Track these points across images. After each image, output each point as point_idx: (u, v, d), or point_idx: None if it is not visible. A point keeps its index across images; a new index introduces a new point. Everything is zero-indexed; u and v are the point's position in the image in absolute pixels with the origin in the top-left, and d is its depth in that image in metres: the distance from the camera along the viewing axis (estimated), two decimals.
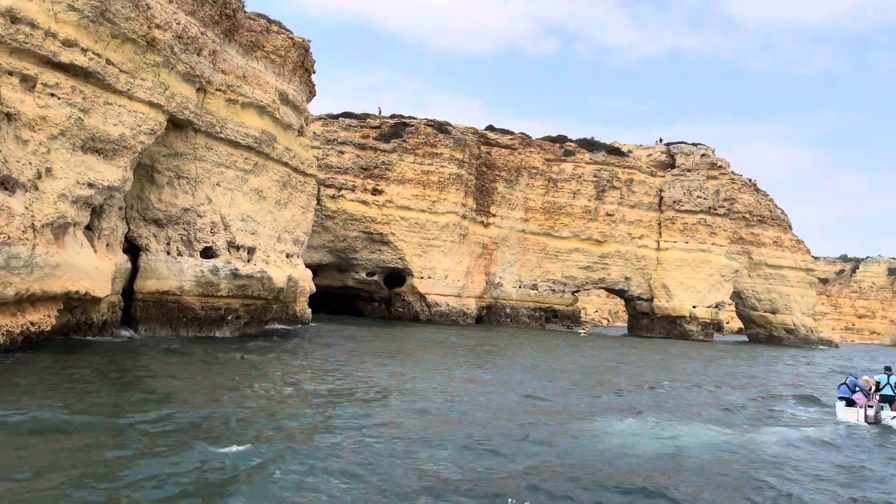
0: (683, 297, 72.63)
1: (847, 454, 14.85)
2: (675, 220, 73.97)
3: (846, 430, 17.73)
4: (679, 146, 77.06)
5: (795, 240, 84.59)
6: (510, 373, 23.31)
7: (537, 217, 70.79)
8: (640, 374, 27.09)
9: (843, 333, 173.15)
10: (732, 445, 14.12)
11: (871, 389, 19.42)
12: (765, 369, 38.01)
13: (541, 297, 71.94)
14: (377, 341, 30.92)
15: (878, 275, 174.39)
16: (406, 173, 58.98)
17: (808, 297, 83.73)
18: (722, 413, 18.58)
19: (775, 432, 16.46)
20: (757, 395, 23.90)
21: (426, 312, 58.88)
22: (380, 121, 60.87)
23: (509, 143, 69.17)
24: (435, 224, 59.43)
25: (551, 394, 19.12)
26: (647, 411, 17.28)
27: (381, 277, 60.16)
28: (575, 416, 15.77)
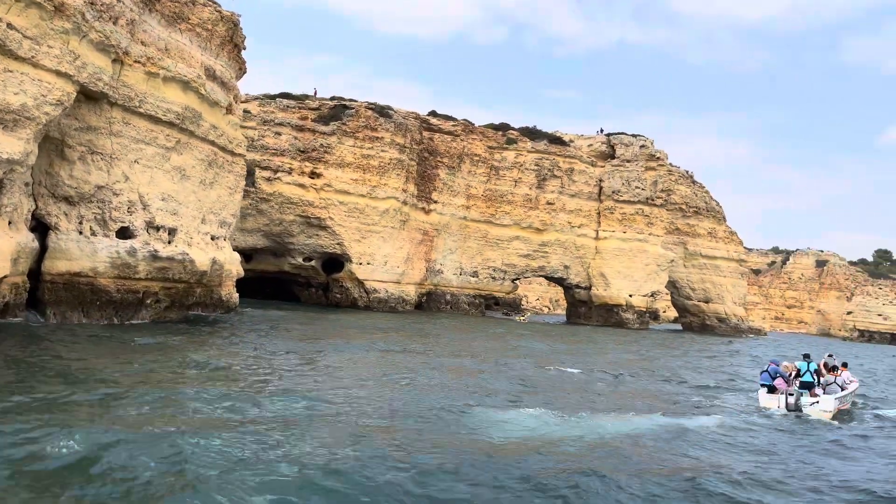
0: (620, 285, 73.86)
1: (761, 440, 15.02)
2: (614, 210, 75.02)
3: (765, 416, 17.97)
4: (619, 137, 78.07)
5: (729, 231, 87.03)
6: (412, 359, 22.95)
7: (479, 205, 70.74)
8: (554, 360, 27.19)
9: (773, 323, 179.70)
10: (643, 433, 14.01)
11: (791, 375, 19.78)
12: (688, 357, 38.86)
13: (481, 284, 72.06)
14: (301, 327, 30.15)
15: (807, 267, 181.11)
16: (345, 157, 57.94)
17: (740, 287, 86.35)
18: (636, 402, 18.65)
19: (694, 420, 16.41)
20: (678, 382, 24.21)
21: (364, 299, 58.17)
22: (319, 102, 59.56)
23: (452, 129, 68.75)
24: (375, 209, 58.64)
25: (447, 381, 18.79)
26: (549, 401, 17.17)
27: (318, 263, 59.09)
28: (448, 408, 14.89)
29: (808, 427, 17.15)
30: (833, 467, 12.89)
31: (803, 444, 14.82)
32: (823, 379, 20.00)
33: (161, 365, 16.35)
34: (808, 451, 14.14)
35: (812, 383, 19.45)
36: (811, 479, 11.74)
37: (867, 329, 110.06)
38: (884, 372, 40.74)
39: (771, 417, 17.95)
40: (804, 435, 15.94)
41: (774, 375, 19.57)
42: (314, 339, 26.51)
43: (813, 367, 19.96)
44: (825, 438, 15.87)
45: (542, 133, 76.59)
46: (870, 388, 27.56)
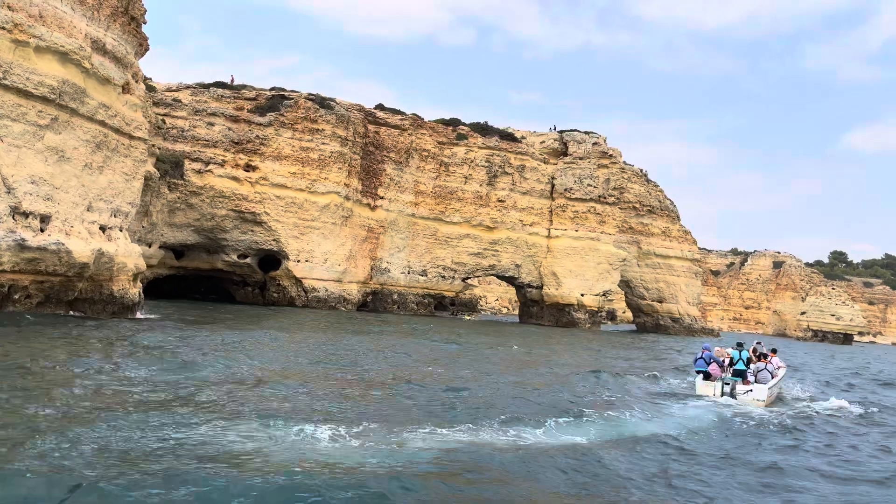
0: (572, 285, 72.48)
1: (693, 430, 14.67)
2: (566, 208, 73.65)
3: (702, 405, 18.16)
4: (571, 134, 76.76)
5: (683, 230, 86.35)
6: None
7: (428, 201, 68.71)
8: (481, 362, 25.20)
9: (731, 324, 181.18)
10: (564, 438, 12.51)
11: (724, 361, 20.56)
12: (633, 352, 37.27)
13: (430, 283, 69.98)
14: (213, 329, 27.62)
15: (765, 268, 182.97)
16: (283, 149, 55.41)
17: (694, 286, 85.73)
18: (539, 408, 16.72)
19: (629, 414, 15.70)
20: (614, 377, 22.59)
21: (303, 298, 55.67)
22: (256, 92, 56.89)
23: (399, 123, 66.59)
24: (314, 204, 56.20)
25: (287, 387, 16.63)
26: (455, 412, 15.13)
27: (254, 260, 56.40)
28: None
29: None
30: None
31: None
32: (754, 366, 20.49)
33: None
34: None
35: (745, 371, 20.03)
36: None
37: (820, 329, 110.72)
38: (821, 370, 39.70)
39: (707, 407, 17.93)
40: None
41: (709, 361, 20.10)
42: (216, 335, 24.03)
43: (745, 355, 20.50)
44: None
45: (494, 129, 74.90)
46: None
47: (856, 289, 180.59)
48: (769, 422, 16.74)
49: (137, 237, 48.18)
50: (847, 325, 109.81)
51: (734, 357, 20.53)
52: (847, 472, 12.08)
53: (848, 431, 16.68)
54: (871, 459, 13.46)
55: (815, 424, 17.16)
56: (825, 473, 11.84)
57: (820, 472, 11.92)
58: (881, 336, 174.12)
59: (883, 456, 13.94)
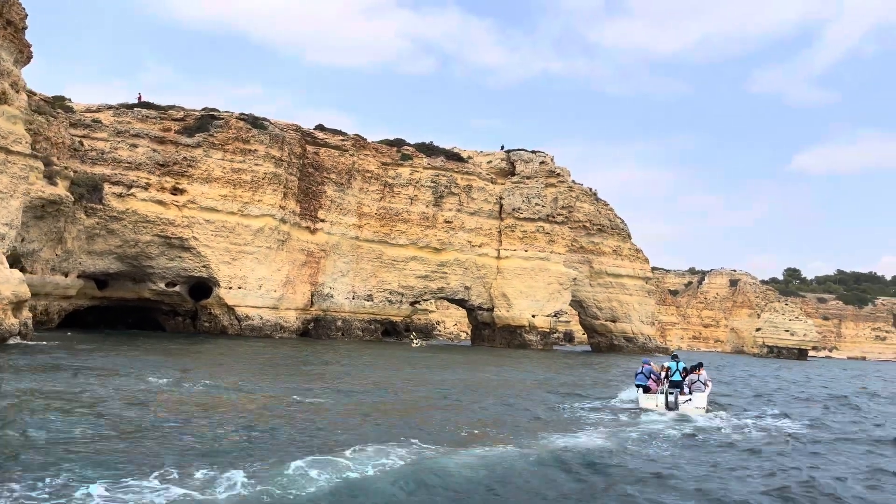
0: (523, 306, 70.86)
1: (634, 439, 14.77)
2: (515, 228, 72.31)
3: (645, 417, 18.71)
4: (519, 153, 75.72)
5: (634, 249, 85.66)
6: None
7: (372, 223, 66.63)
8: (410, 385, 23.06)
9: (690, 342, 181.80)
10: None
11: (662, 376, 21.21)
12: (572, 375, 35.45)
13: (377, 308, 67.60)
14: (98, 362, 24.90)
15: (721, 286, 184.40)
16: (213, 171, 52.96)
17: (647, 305, 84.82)
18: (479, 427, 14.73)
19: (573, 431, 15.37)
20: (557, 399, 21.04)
21: (235, 326, 52.85)
22: (184, 113, 54.47)
23: (340, 143, 64.68)
24: (247, 228, 53.70)
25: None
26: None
27: (184, 288, 53.49)
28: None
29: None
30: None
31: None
32: (688, 378, 21.28)
33: None
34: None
35: (681, 382, 20.79)
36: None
37: (775, 345, 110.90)
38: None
39: (650, 419, 18.42)
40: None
41: (648, 376, 20.94)
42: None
43: (682, 367, 21.31)
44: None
45: (439, 149, 73.46)
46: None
47: (810, 304, 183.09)
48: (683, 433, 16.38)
49: (51, 266, 45.16)
50: (801, 341, 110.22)
51: (671, 368, 21.20)
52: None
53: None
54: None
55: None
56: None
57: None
58: (836, 351, 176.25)
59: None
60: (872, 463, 13.99)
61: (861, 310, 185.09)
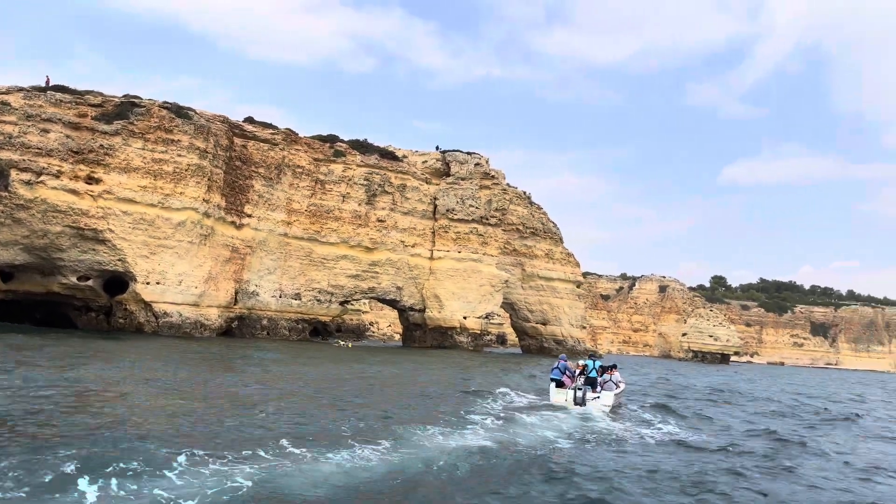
0: (455, 307, 70.54)
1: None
2: (449, 229, 71.95)
3: (552, 412, 19.59)
4: (454, 154, 75.50)
5: (566, 253, 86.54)
6: None
7: (302, 220, 65.04)
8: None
9: (621, 346, 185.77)
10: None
11: (577, 372, 22.19)
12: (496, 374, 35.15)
13: (305, 307, 65.99)
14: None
15: (651, 292, 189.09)
16: (132, 161, 50.51)
17: (577, 308, 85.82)
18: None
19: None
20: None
21: (152, 324, 50.52)
22: (102, 99, 51.77)
23: (270, 137, 62.89)
24: (168, 221, 51.44)
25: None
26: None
27: (98, 283, 50.82)
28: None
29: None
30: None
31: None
32: (602, 377, 22.34)
33: None
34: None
35: (596, 379, 21.91)
36: None
37: (700, 350, 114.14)
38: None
39: (558, 413, 19.37)
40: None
41: (563, 371, 21.73)
42: None
43: (598, 365, 22.47)
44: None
45: (374, 147, 72.48)
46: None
47: (734, 311, 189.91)
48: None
49: None
50: (724, 346, 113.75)
51: (588, 366, 22.38)
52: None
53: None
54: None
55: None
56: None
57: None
58: (757, 356, 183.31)
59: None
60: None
61: (781, 317, 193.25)
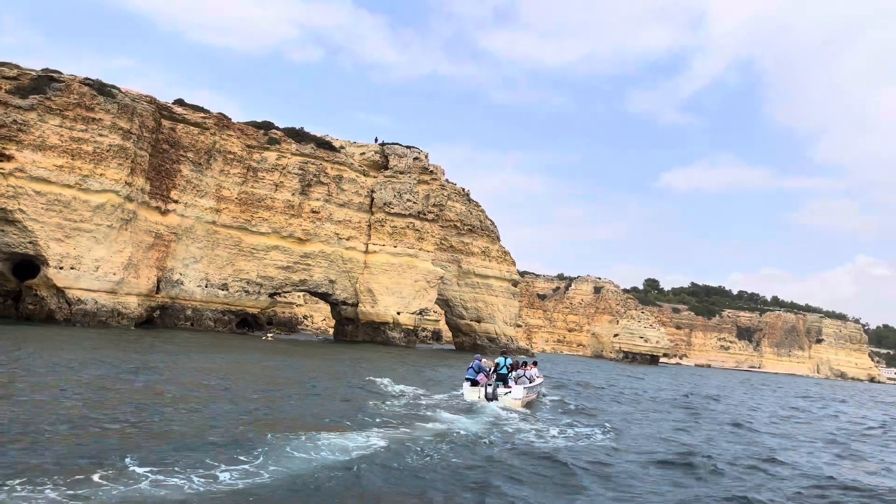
0: (388, 302, 69.67)
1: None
2: (385, 223, 70.98)
3: (467, 406, 20.54)
4: (393, 147, 74.54)
5: (503, 251, 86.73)
6: None
7: (232, 208, 63.01)
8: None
9: (555, 345, 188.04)
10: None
11: (491, 370, 23.16)
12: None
13: (232, 298, 63.93)
14: None
15: (586, 293, 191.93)
16: (48, 138, 47.77)
17: (512, 307, 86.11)
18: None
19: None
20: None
21: (65, 311, 47.92)
22: (18, 72, 48.77)
23: (201, 121, 60.62)
24: (86, 204, 48.89)
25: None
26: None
27: (6, 266, 47.91)
28: None
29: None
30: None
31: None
32: (515, 373, 23.69)
33: None
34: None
35: (506, 375, 23.22)
36: None
37: (630, 350, 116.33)
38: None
39: (473, 406, 20.28)
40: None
41: (478, 370, 22.44)
42: None
43: (509, 362, 23.85)
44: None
45: (310, 136, 70.84)
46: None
47: (666, 314, 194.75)
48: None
49: None
50: (654, 347, 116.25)
51: (499, 363, 23.52)
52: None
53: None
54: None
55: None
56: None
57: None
58: (686, 358, 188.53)
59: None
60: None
61: (710, 320, 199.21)
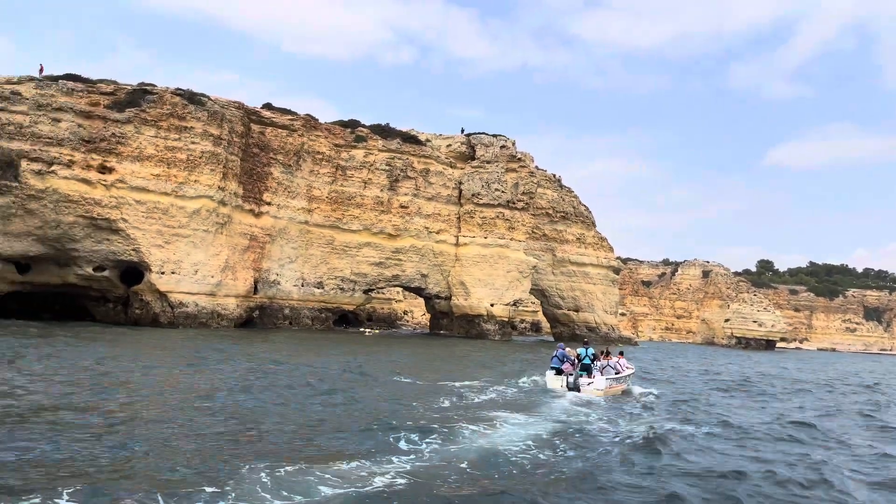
0: (481, 294, 68.56)
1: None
2: (474, 214, 69.87)
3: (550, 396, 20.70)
4: (479, 137, 73.24)
5: (599, 237, 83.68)
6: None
7: (323, 207, 63.82)
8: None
9: (663, 333, 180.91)
10: None
11: (574, 359, 23.21)
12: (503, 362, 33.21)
13: (328, 296, 64.86)
14: None
15: (694, 277, 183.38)
16: (145, 149, 49.79)
17: (611, 294, 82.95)
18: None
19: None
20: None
21: (168, 314, 49.88)
22: (114, 87, 51.14)
23: (289, 123, 61.68)
24: (182, 210, 50.67)
25: None
26: None
27: (114, 273, 50.36)
28: None
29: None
30: None
31: None
32: (600, 363, 23.42)
33: None
34: None
35: (590, 365, 22.96)
36: None
37: (744, 336, 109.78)
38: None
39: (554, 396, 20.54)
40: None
41: (562, 359, 22.77)
42: None
43: (591, 353, 23.41)
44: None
45: (395, 131, 70.71)
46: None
47: (782, 296, 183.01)
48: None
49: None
50: (769, 332, 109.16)
51: (581, 354, 23.32)
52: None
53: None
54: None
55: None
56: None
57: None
58: (807, 342, 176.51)
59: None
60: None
61: (832, 301, 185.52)
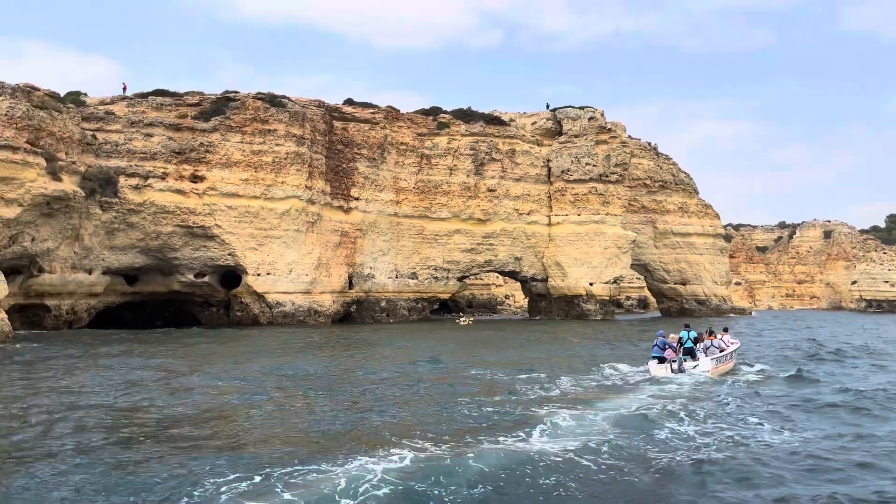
0: (579, 274, 66.17)
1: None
2: (566, 192, 67.41)
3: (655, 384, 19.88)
4: (565, 111, 70.48)
5: (703, 204, 78.97)
6: None
7: (411, 198, 63.45)
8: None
9: (783, 301, 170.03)
10: None
11: (676, 345, 22.43)
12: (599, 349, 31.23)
13: (422, 286, 64.57)
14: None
15: (815, 239, 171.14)
16: (232, 155, 50.99)
17: (720, 264, 78.14)
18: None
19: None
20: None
21: (267, 314, 51.05)
22: (199, 98, 52.64)
23: (370, 117, 61.56)
24: (272, 212, 51.60)
25: None
26: None
27: (213, 278, 52.04)
28: None
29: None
30: None
31: None
32: (702, 344, 22.78)
33: None
34: None
35: (693, 348, 22.46)
36: None
37: (874, 298, 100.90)
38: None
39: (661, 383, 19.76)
40: None
41: (663, 347, 21.96)
42: None
43: (693, 335, 22.99)
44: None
45: (478, 114, 69.20)
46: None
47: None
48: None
49: (71, 264, 44.43)
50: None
51: (682, 337, 22.79)
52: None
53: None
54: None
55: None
56: None
57: None
58: None
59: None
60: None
61: None
